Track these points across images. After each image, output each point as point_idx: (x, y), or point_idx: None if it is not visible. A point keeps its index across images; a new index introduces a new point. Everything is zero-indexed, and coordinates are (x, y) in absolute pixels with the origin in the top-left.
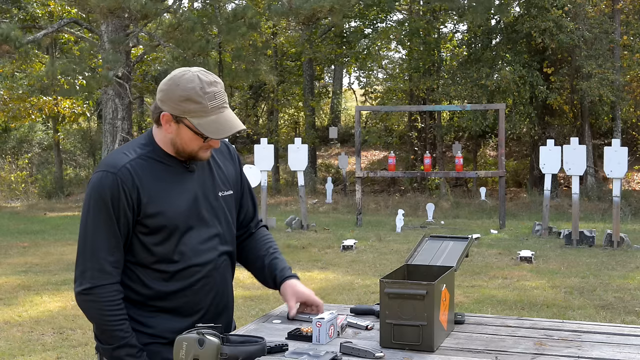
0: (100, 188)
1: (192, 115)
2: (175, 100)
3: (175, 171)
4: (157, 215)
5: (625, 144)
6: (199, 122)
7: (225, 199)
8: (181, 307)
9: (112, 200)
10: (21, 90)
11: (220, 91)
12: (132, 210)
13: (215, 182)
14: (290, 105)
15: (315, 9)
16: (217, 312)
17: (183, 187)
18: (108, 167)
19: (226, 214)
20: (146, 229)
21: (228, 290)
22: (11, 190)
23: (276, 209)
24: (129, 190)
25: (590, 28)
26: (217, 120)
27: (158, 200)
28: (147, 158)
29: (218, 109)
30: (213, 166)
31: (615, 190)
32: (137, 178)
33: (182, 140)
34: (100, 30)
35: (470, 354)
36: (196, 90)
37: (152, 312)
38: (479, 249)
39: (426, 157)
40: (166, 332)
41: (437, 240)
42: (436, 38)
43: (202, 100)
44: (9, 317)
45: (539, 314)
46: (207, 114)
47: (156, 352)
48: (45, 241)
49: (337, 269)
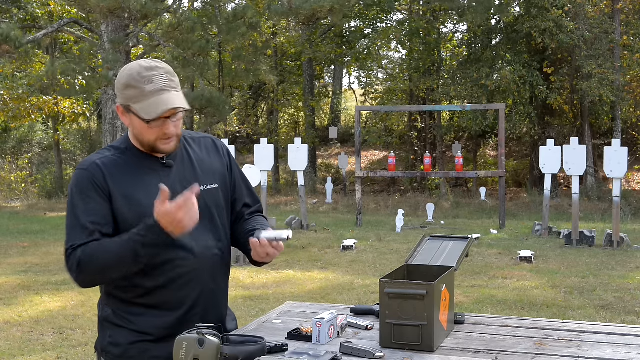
0: (75, 184)
1: (134, 101)
2: (120, 90)
3: (150, 166)
4: (129, 210)
5: (625, 144)
6: (140, 107)
7: (210, 192)
8: (165, 302)
9: (86, 191)
10: (21, 90)
11: (160, 75)
12: (106, 199)
13: (197, 176)
14: (290, 105)
15: (315, 9)
16: (205, 309)
17: (158, 182)
18: (81, 165)
19: (211, 206)
20: (119, 224)
21: (218, 288)
22: (11, 190)
23: (276, 209)
24: (100, 184)
25: (590, 28)
26: (155, 102)
27: (129, 196)
28: (119, 155)
29: (157, 92)
30: (195, 160)
31: (615, 190)
32: (108, 173)
33: (136, 130)
34: (100, 30)
35: (470, 354)
36: (133, 76)
37: (137, 308)
38: (479, 249)
39: (426, 157)
40: (152, 329)
41: (437, 240)
42: (436, 38)
43: (139, 85)
44: (9, 317)
45: (539, 314)
46: (146, 97)
47: (145, 350)
48: (45, 241)
49: (337, 269)
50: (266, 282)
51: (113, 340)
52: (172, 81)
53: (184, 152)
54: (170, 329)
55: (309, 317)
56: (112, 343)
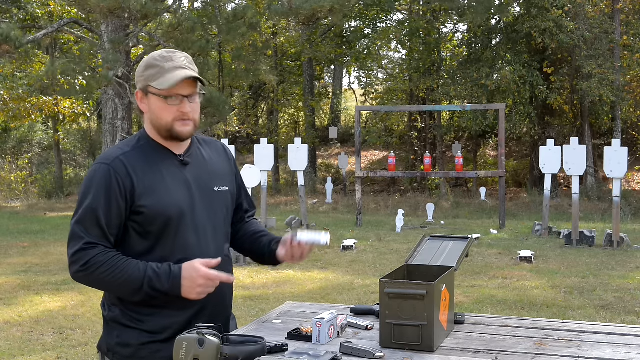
0: (94, 177)
1: (153, 79)
2: (140, 73)
3: (169, 163)
4: (152, 204)
5: (625, 144)
6: (159, 82)
7: (222, 194)
8: (176, 303)
9: (105, 188)
10: (21, 90)
11: (179, 56)
12: (124, 199)
13: (212, 177)
14: (290, 105)
15: (315, 9)
16: (214, 309)
17: (178, 179)
18: (102, 159)
19: (222, 208)
20: (141, 218)
21: (226, 289)
22: (11, 190)
23: (276, 209)
24: (122, 180)
25: (590, 28)
26: (173, 75)
27: (153, 190)
28: (141, 150)
29: (175, 68)
30: (209, 162)
31: (615, 190)
32: (131, 168)
33: (154, 114)
34: (100, 30)
35: (470, 354)
36: (154, 57)
37: (148, 309)
38: (479, 249)
39: (426, 157)
40: (163, 329)
41: (437, 240)
42: (436, 38)
43: (158, 63)
44: (9, 317)
45: (539, 314)
46: (165, 72)
47: (156, 351)
48: (45, 241)
49: (337, 269)
50: (266, 282)
51: (121, 340)
52: (191, 64)
53: (199, 152)
54: (180, 329)
55: (309, 317)
56: (121, 343)
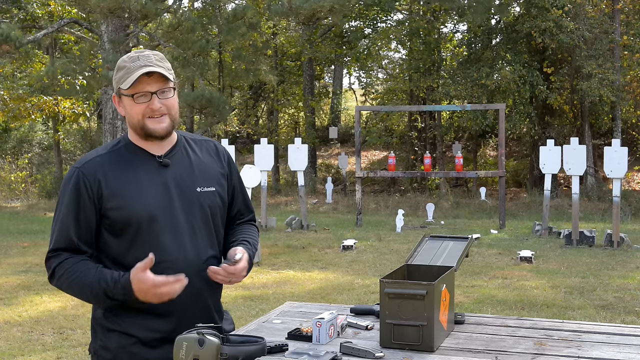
0: (66, 183)
1: (122, 80)
2: (113, 77)
3: (147, 165)
4: (119, 208)
5: (625, 144)
6: (125, 82)
7: (206, 195)
8: (155, 307)
9: (75, 193)
10: (21, 90)
11: (146, 56)
12: (93, 203)
13: (194, 178)
14: (290, 105)
15: (315, 9)
16: (195, 313)
17: (154, 181)
18: (76, 163)
19: (205, 209)
20: (110, 221)
21: (212, 297)
22: (11, 190)
23: (276, 209)
24: (89, 184)
25: (590, 28)
26: (136, 74)
27: (121, 193)
28: (117, 153)
29: (140, 67)
30: (194, 162)
31: (615, 190)
32: (101, 172)
33: (129, 114)
34: (100, 30)
35: (470, 354)
36: (123, 59)
37: (127, 311)
38: (479, 249)
39: (426, 157)
40: (142, 332)
41: (437, 240)
42: (436, 38)
43: (126, 64)
44: (9, 317)
45: (539, 314)
46: (131, 73)
47: (135, 353)
48: (45, 241)
49: (337, 269)
50: (266, 282)
51: (103, 343)
52: (159, 61)
53: (184, 153)
54: (160, 333)
55: (309, 317)
56: (103, 347)
